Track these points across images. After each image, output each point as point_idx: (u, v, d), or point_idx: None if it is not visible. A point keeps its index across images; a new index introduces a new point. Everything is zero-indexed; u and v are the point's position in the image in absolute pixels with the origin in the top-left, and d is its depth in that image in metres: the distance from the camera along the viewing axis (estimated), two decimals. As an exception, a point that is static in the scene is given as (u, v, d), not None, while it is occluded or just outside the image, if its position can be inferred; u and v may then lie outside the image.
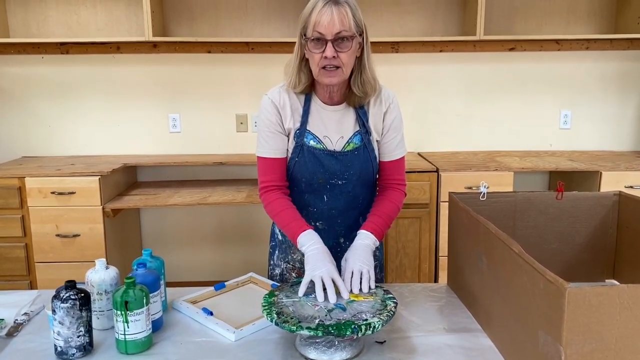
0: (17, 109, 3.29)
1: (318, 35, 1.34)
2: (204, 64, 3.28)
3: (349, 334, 1.12)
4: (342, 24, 1.33)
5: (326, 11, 1.33)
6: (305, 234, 1.39)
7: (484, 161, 3.07)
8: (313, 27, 1.34)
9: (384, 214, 1.49)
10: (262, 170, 1.52)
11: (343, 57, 1.36)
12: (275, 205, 1.48)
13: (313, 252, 1.35)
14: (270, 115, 1.49)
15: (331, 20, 1.33)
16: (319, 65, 1.37)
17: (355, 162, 1.49)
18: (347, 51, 1.36)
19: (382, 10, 3.23)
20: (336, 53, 1.35)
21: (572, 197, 1.60)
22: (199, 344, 1.26)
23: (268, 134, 1.50)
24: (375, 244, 1.44)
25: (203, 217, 3.44)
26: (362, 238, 1.44)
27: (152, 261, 1.39)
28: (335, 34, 1.33)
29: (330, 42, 1.34)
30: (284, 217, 1.46)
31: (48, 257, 2.77)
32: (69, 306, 1.17)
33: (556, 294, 0.91)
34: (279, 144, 1.50)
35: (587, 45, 3.30)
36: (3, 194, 2.72)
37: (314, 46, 1.36)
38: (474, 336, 1.29)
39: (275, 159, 1.50)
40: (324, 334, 1.12)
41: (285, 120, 1.49)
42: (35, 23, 3.18)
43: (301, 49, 1.42)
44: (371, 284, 1.32)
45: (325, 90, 1.47)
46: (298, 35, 1.42)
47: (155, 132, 3.34)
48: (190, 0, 3.20)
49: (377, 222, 1.47)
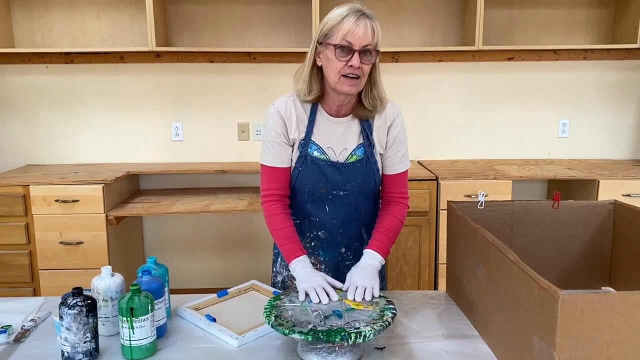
0: (21, 118, 3.33)
1: (347, 44, 1.37)
2: (207, 74, 3.32)
3: (338, 340, 1.15)
4: (372, 38, 1.38)
5: (360, 23, 1.36)
6: (297, 261, 1.45)
7: (483, 169, 3.10)
8: (343, 36, 1.37)
9: (389, 231, 1.52)
10: (264, 178, 1.55)
11: (365, 69, 1.40)
12: (274, 219, 1.52)
13: (302, 272, 1.42)
14: (276, 126, 1.51)
15: (365, 33, 1.36)
16: (340, 73, 1.40)
17: (357, 174, 1.52)
18: (369, 64, 1.41)
19: (382, 21, 3.27)
20: (361, 64, 1.39)
21: (569, 205, 1.63)
22: (202, 349, 1.29)
23: (272, 144, 1.52)
24: (381, 263, 1.47)
25: (205, 224, 3.47)
26: (368, 257, 1.46)
27: (157, 268, 1.42)
28: (363, 45, 1.37)
29: (358, 52, 1.37)
30: (280, 236, 1.51)
31: (52, 265, 2.80)
32: (76, 312, 1.20)
33: (550, 301, 0.94)
34: (282, 154, 1.52)
35: (585, 55, 3.35)
36: (8, 201, 2.75)
37: (340, 53, 1.38)
38: (471, 342, 1.32)
39: (278, 168, 1.53)
40: (314, 339, 1.15)
41: (290, 131, 1.51)
42: (41, 33, 3.23)
43: (314, 57, 1.45)
44: (375, 292, 1.35)
45: (334, 102, 1.49)
46: (313, 43, 1.45)
47: (158, 141, 3.38)
48: (193, 10, 3.25)
49: (382, 240, 1.50)
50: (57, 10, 3.21)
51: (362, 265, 1.45)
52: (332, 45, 1.39)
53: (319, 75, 1.47)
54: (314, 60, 1.45)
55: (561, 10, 3.32)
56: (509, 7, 3.31)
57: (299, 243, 1.49)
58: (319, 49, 1.44)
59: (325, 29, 1.41)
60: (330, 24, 1.40)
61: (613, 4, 3.30)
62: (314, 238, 1.61)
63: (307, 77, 1.47)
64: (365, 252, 1.48)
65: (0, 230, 2.77)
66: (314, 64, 1.46)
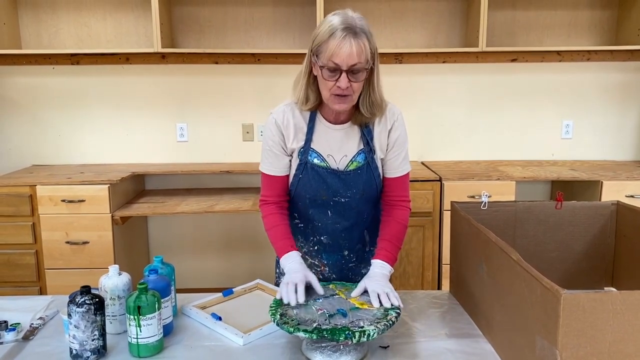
0: (28, 118, 3.35)
1: (333, 66, 1.33)
2: (211, 75, 3.34)
3: (343, 339, 1.16)
4: (359, 57, 1.33)
5: (345, 44, 1.31)
6: (286, 257, 1.46)
7: (486, 170, 3.11)
8: (329, 57, 1.33)
9: (394, 238, 1.51)
10: (262, 185, 1.60)
11: (355, 87, 1.37)
12: (268, 220, 1.56)
13: (287, 267, 1.43)
14: (273, 136, 1.52)
15: (349, 54, 1.31)
16: (331, 92, 1.38)
17: (358, 181, 1.51)
18: (360, 82, 1.38)
19: (386, 23, 3.29)
20: (350, 83, 1.35)
21: (572, 206, 1.64)
22: (208, 348, 1.31)
23: (269, 153, 1.54)
24: (390, 272, 1.46)
25: (210, 224, 3.49)
26: (378, 267, 1.45)
27: (163, 267, 1.44)
28: (350, 65, 1.33)
29: (345, 72, 1.34)
30: (273, 235, 1.53)
31: (58, 264, 2.82)
32: (84, 310, 1.22)
33: (552, 300, 0.95)
34: (279, 163, 1.54)
35: (588, 57, 3.35)
36: (14, 201, 2.77)
37: (327, 74, 1.35)
38: (474, 341, 1.33)
39: (274, 177, 1.55)
40: (319, 337, 1.17)
41: (288, 141, 1.51)
42: (47, 35, 3.26)
43: (310, 66, 1.42)
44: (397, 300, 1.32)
45: (331, 110, 1.47)
46: (308, 52, 1.42)
47: (163, 141, 3.40)
48: (198, 12, 3.27)
49: (389, 249, 1.48)
50: (63, 12, 3.24)
51: (374, 274, 1.42)
52: (320, 66, 1.36)
53: (315, 84, 1.44)
54: (310, 69, 1.43)
55: (565, 11, 3.32)
56: (512, 9, 3.32)
57: (291, 240, 1.50)
58: (313, 61, 1.40)
59: (315, 42, 1.37)
60: (319, 39, 1.36)
61: (617, 5, 3.30)
62: (317, 242, 1.62)
63: (303, 86, 1.45)
64: (374, 263, 1.46)
65: (7, 230, 2.79)
66: (310, 73, 1.43)
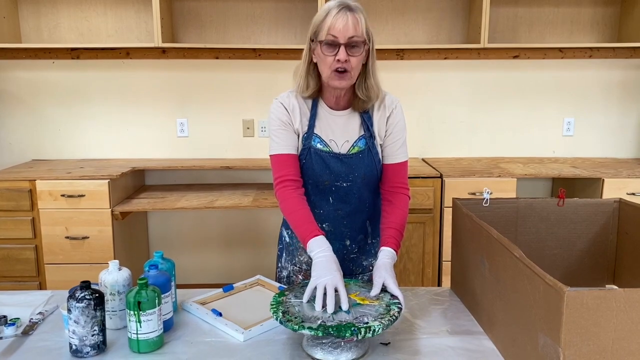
0: (27, 113, 3.34)
1: (332, 39, 1.39)
2: (212, 70, 3.33)
3: (349, 335, 1.16)
4: (356, 30, 1.39)
5: (341, 16, 1.39)
6: (315, 240, 1.39)
7: (487, 167, 3.11)
8: (327, 31, 1.39)
9: (399, 225, 1.51)
10: (276, 167, 1.52)
11: (353, 62, 1.41)
12: (289, 203, 1.48)
13: (321, 259, 1.35)
14: (281, 115, 1.53)
15: (346, 25, 1.38)
16: (331, 68, 1.42)
17: (359, 165, 1.54)
18: (358, 56, 1.42)
19: (388, 19, 3.28)
20: (348, 57, 1.40)
21: (573, 203, 1.63)
22: (208, 343, 1.30)
23: (280, 131, 1.53)
24: (394, 259, 1.45)
25: (210, 220, 3.49)
26: (389, 257, 1.43)
27: (164, 263, 1.43)
28: (348, 38, 1.39)
29: (343, 46, 1.39)
30: (296, 218, 1.46)
31: (57, 259, 2.82)
32: (84, 306, 1.21)
33: (555, 297, 0.94)
34: (291, 140, 1.53)
35: (591, 54, 3.34)
36: (14, 196, 2.77)
37: (327, 49, 1.41)
38: (476, 338, 1.33)
39: (289, 155, 1.53)
40: (324, 334, 1.16)
41: (294, 122, 1.54)
42: (47, 29, 3.24)
43: (310, 54, 1.48)
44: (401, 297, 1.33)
45: (332, 94, 1.52)
46: (307, 41, 1.48)
47: (164, 137, 3.40)
48: (199, 7, 3.26)
49: (396, 237, 1.48)
50: (63, 6, 3.23)
51: (384, 265, 1.40)
52: (319, 42, 1.42)
53: (315, 72, 1.50)
54: (310, 58, 1.48)
55: (567, 8, 3.31)
56: (514, 5, 3.31)
57: (315, 224, 1.44)
58: (312, 47, 1.47)
59: (314, 26, 1.45)
60: (317, 21, 1.44)
61: (619, 2, 3.29)
62: None
63: (303, 73, 1.50)
64: (385, 251, 1.45)
65: (7, 224, 2.79)
66: (310, 61, 1.49)
